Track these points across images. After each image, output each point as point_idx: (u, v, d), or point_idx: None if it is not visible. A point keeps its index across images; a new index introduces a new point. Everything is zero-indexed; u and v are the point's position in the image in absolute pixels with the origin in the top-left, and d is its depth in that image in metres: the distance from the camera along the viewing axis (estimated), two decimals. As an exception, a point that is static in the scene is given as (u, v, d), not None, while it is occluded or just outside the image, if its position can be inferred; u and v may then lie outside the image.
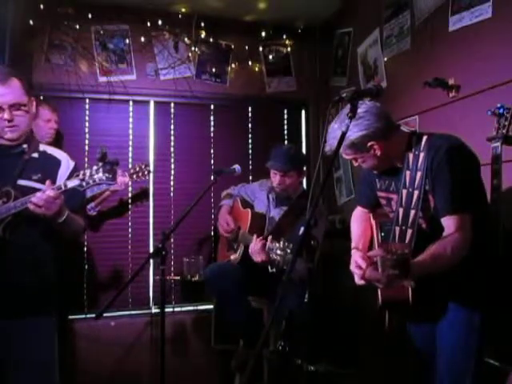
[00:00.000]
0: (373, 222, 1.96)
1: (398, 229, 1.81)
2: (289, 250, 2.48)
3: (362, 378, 3.04)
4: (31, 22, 3.32)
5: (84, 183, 1.85)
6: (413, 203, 1.77)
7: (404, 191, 1.81)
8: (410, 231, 1.77)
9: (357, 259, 1.80)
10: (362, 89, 1.84)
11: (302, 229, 1.47)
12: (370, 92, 1.68)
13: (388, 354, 2.73)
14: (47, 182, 1.86)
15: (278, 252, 2.52)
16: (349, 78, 3.71)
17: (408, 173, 1.81)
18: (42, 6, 3.34)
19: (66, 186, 1.86)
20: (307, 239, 1.54)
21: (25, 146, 2.01)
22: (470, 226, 1.68)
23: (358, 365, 3.14)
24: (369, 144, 1.79)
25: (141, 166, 3.28)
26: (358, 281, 1.80)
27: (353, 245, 2.01)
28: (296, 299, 2.10)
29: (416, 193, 1.77)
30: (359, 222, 2.11)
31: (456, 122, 2.46)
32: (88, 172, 1.85)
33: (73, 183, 1.85)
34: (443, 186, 1.71)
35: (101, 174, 1.83)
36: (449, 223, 1.69)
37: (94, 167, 1.85)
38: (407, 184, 1.81)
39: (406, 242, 1.75)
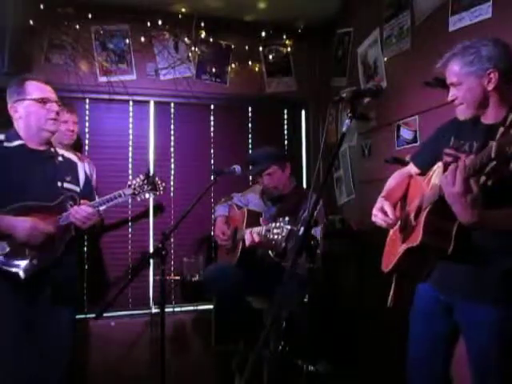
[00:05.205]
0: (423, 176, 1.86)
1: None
2: (284, 224, 2.50)
3: (362, 378, 3.05)
4: (31, 22, 3.31)
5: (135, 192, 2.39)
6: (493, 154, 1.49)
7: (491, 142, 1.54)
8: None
9: (384, 204, 1.87)
10: (362, 89, 1.84)
11: (302, 229, 1.48)
12: (369, 92, 1.69)
13: (388, 354, 2.73)
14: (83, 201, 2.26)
15: (275, 231, 2.53)
16: (349, 78, 3.71)
17: (501, 129, 1.64)
18: (42, 6, 3.33)
19: (124, 194, 2.34)
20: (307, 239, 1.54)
21: (52, 149, 2.29)
22: None
23: (358, 365, 3.14)
24: (489, 70, 1.68)
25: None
26: (382, 222, 1.86)
27: (383, 194, 1.99)
28: (296, 299, 2.10)
29: None
30: (398, 178, 2.07)
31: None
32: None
33: (128, 191, 2.36)
34: None
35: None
36: None
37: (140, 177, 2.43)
38: (497, 137, 1.58)
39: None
